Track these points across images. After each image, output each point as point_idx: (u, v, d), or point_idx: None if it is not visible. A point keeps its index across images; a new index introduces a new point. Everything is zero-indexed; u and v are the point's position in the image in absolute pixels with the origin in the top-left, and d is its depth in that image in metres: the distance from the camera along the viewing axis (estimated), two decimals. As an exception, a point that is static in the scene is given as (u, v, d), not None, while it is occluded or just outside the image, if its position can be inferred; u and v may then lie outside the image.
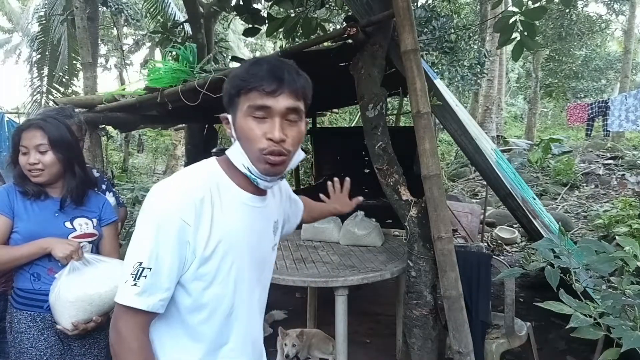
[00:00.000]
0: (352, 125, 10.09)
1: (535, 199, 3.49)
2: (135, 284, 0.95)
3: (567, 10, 12.27)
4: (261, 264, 1.14)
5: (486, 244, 5.82)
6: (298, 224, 1.50)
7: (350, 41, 2.61)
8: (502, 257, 5.40)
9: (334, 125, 11.23)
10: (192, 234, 0.97)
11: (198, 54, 3.69)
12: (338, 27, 6.38)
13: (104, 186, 2.30)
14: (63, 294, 1.58)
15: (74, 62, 8.99)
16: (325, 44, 2.94)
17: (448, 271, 2.27)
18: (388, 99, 4.08)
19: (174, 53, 4.03)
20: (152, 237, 0.96)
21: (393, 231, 3.77)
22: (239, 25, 12.86)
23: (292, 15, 4.02)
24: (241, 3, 4.27)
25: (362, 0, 2.70)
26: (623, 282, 1.54)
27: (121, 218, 2.49)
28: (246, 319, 1.11)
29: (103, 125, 3.92)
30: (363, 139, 2.71)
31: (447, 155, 12.68)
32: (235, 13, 4.65)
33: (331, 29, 5.64)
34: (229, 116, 1.04)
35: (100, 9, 8.88)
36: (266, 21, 4.01)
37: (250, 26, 4.15)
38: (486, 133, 6.87)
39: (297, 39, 4.62)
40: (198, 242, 0.98)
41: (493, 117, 13.07)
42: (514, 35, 3.19)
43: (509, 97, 23.56)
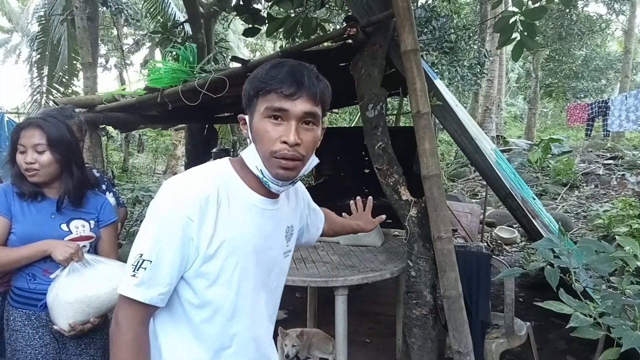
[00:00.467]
0: (352, 125, 10.10)
1: (535, 199, 3.49)
2: (134, 275, 0.97)
3: (567, 10, 12.28)
4: (268, 268, 1.12)
5: (486, 244, 5.82)
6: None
7: (350, 41, 2.61)
8: (502, 257, 5.41)
9: (334, 125, 11.24)
10: (196, 231, 0.97)
11: (198, 54, 3.69)
12: (338, 27, 6.38)
13: (104, 186, 2.30)
14: (61, 295, 1.58)
15: (74, 62, 8.99)
16: (325, 44, 2.94)
17: (448, 271, 2.27)
18: (388, 99, 4.08)
19: (174, 53, 4.04)
20: (156, 231, 0.97)
21: (393, 231, 3.77)
22: (239, 25, 12.85)
23: (292, 15, 4.02)
24: (241, 3, 4.27)
25: (362, 0, 2.70)
26: (623, 282, 1.54)
27: (121, 218, 2.49)
28: (249, 323, 1.10)
29: (103, 125, 3.92)
30: (363, 139, 2.72)
31: (447, 155, 12.68)
32: (235, 13, 4.65)
33: (331, 29, 5.64)
34: (247, 117, 1.04)
35: (100, 9, 8.89)
36: (266, 21, 4.01)
37: (250, 26, 4.15)
38: (486, 133, 6.87)
39: (297, 39, 4.62)
40: (202, 240, 0.98)
41: (493, 117, 13.07)
42: (514, 35, 3.19)
43: (509, 97, 23.57)
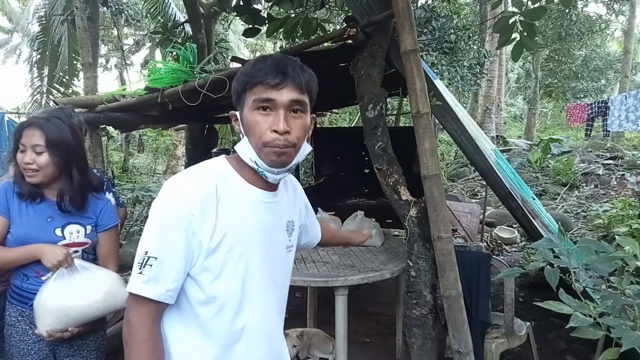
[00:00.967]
0: (352, 125, 10.11)
1: (534, 199, 3.49)
2: (140, 272, 0.99)
3: (567, 10, 12.28)
4: (273, 262, 1.14)
5: (486, 244, 5.82)
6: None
7: (350, 41, 2.61)
8: (502, 257, 5.41)
9: (334, 125, 11.25)
10: (198, 225, 0.99)
11: (198, 54, 3.70)
12: (338, 28, 6.38)
13: (104, 186, 2.30)
14: (44, 301, 1.58)
15: (74, 62, 9.00)
16: (325, 45, 2.94)
17: (448, 271, 2.27)
18: (388, 99, 4.08)
19: (175, 53, 4.04)
20: (159, 229, 1.00)
21: (393, 231, 3.77)
22: (239, 25, 12.85)
23: (292, 15, 4.02)
24: (241, 3, 4.27)
25: (362, 0, 2.71)
26: (623, 282, 1.54)
27: (121, 218, 2.49)
28: (259, 318, 1.11)
29: (103, 125, 3.92)
30: (363, 139, 2.72)
31: (447, 155, 12.69)
32: (235, 13, 4.65)
33: (331, 30, 5.64)
34: (237, 113, 1.08)
35: (100, 9, 8.90)
36: (266, 22, 4.02)
37: (250, 26, 4.15)
38: (486, 133, 6.87)
39: (297, 40, 4.63)
40: (204, 234, 1.00)
41: (492, 117, 13.08)
42: (514, 35, 3.19)
43: (509, 98, 23.58)
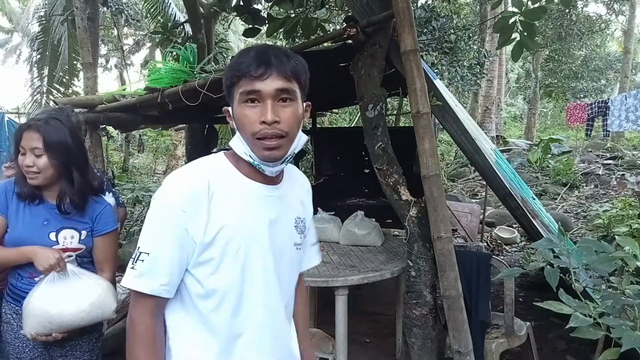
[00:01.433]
0: (352, 125, 10.11)
1: (534, 199, 3.50)
2: (133, 267, 1.02)
3: (567, 10, 12.29)
4: (278, 255, 1.11)
5: (486, 244, 5.82)
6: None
7: (350, 41, 2.61)
8: (502, 257, 5.41)
9: (334, 125, 11.26)
10: (190, 222, 1.00)
11: (198, 55, 3.70)
12: (338, 28, 6.38)
13: (104, 187, 2.30)
14: (32, 303, 1.59)
15: (75, 62, 9.00)
16: (325, 45, 2.94)
17: (448, 271, 2.27)
18: (388, 99, 4.08)
19: (175, 53, 4.04)
20: (152, 225, 1.03)
21: (393, 231, 3.77)
22: (239, 25, 12.86)
23: (292, 15, 4.02)
24: (241, 3, 4.27)
25: (362, 0, 2.70)
26: (623, 282, 1.55)
27: (121, 218, 2.49)
28: (263, 312, 1.10)
29: (103, 125, 3.92)
30: (363, 139, 2.72)
31: (447, 155, 12.68)
32: (235, 13, 4.65)
33: (331, 30, 5.64)
34: (229, 109, 1.08)
35: (100, 9, 8.88)
36: (266, 21, 4.02)
37: (250, 26, 4.14)
38: (486, 133, 6.86)
39: (297, 40, 4.62)
40: (196, 229, 1.01)
41: (492, 117, 13.08)
42: (514, 35, 3.19)
43: (509, 97, 23.58)
